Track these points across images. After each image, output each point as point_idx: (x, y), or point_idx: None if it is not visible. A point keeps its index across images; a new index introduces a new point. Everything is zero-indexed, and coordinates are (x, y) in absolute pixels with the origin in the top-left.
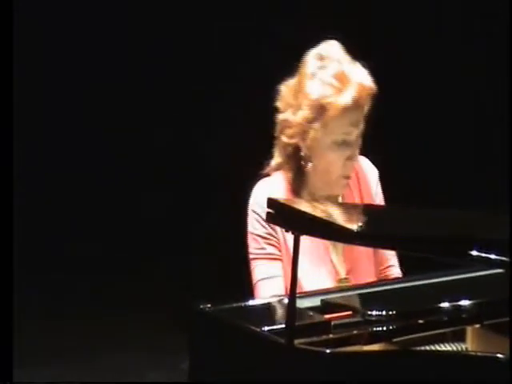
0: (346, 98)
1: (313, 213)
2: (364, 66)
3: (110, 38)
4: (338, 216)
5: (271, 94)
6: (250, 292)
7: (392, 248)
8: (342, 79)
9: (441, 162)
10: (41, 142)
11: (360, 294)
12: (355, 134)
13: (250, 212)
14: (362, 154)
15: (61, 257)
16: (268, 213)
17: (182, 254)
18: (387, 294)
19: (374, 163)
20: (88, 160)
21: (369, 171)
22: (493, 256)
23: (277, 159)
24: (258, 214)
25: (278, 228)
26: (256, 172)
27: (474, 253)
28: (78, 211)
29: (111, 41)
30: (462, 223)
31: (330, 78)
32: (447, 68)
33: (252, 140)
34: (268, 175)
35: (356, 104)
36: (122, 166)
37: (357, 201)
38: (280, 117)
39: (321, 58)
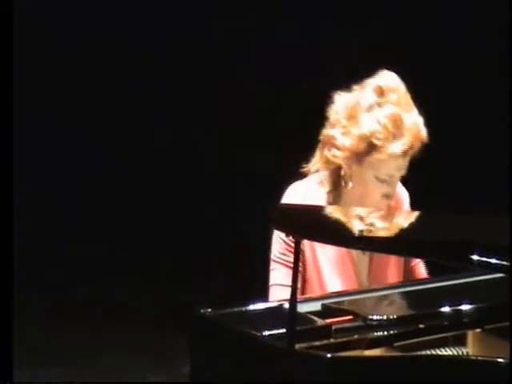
0: (398, 148)
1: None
2: (421, 112)
3: (109, 38)
4: (342, 220)
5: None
6: (252, 295)
7: (393, 253)
8: (396, 124)
9: (441, 164)
10: (40, 143)
11: (361, 299)
12: (398, 176)
13: None
14: None
15: (61, 257)
16: (271, 217)
17: (184, 255)
18: (388, 298)
19: None
20: (87, 160)
21: (402, 193)
22: (493, 260)
23: (316, 165)
24: None
25: (307, 249)
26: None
27: (475, 257)
28: (77, 212)
29: (110, 41)
30: (463, 227)
31: (385, 119)
32: (447, 68)
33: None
34: (299, 176)
35: (406, 153)
36: (122, 165)
37: None
38: (328, 131)
39: (380, 92)
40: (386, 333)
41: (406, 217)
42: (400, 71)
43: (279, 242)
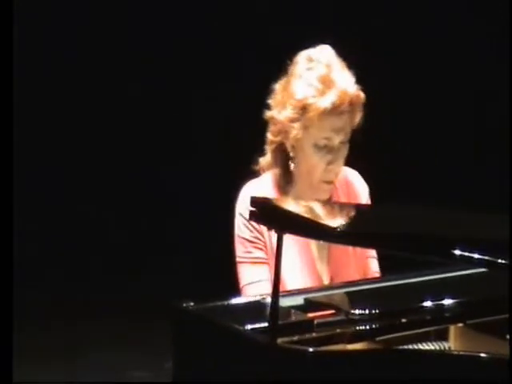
0: (326, 102)
1: (297, 211)
2: (354, 74)
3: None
4: (321, 215)
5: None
6: (233, 291)
7: (374, 247)
8: (326, 82)
9: (440, 162)
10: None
11: (343, 293)
12: (337, 140)
13: (236, 215)
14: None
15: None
16: (251, 211)
17: (166, 253)
18: (370, 292)
19: (373, 165)
20: (87, 160)
21: (359, 187)
22: (476, 255)
23: (266, 158)
24: (244, 218)
25: (265, 231)
26: (245, 171)
27: (457, 252)
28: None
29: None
30: (449, 222)
31: (315, 80)
32: (447, 68)
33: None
34: (256, 175)
35: (337, 109)
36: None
37: None
38: (267, 114)
39: (310, 59)
40: (368, 327)
41: (386, 211)
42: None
43: (241, 242)
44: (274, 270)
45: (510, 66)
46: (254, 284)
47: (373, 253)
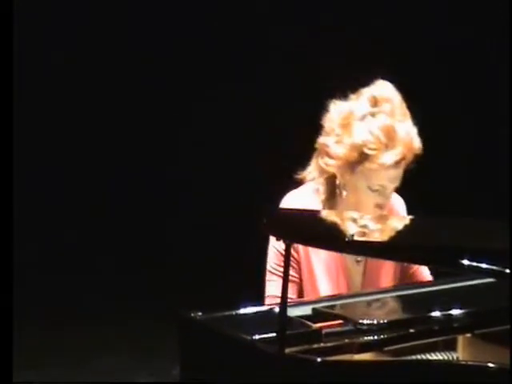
0: (390, 159)
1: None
2: (415, 124)
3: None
4: (332, 224)
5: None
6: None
7: (382, 257)
8: (389, 135)
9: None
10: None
11: (352, 303)
12: (391, 187)
13: None
14: None
15: (54, 258)
16: (260, 222)
17: (174, 260)
18: (378, 302)
19: None
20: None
21: (397, 202)
22: (484, 265)
23: (312, 174)
24: None
25: (301, 250)
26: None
27: (466, 262)
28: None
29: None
30: (456, 231)
31: (378, 130)
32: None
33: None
34: (296, 183)
35: (398, 164)
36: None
37: None
38: (322, 140)
39: (374, 102)
40: (376, 337)
41: (397, 221)
42: (398, 78)
43: (275, 253)
44: (283, 280)
45: (510, 65)
46: (276, 299)
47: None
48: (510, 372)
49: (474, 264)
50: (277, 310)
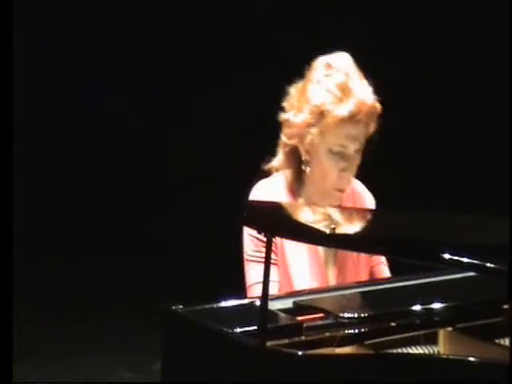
0: (344, 110)
1: (286, 213)
2: (371, 84)
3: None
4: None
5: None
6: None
7: (364, 251)
8: (344, 90)
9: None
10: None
11: (332, 297)
12: (352, 148)
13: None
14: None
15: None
16: (242, 215)
17: (157, 254)
18: (359, 296)
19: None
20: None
21: (365, 196)
22: (465, 259)
23: (278, 158)
24: None
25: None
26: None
27: (447, 256)
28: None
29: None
30: (438, 226)
31: (333, 87)
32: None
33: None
34: (268, 174)
35: (354, 118)
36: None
37: None
38: (282, 116)
39: (329, 66)
40: (357, 331)
41: (377, 215)
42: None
43: (251, 240)
44: (264, 272)
45: (510, 66)
46: (260, 285)
47: (382, 259)
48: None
49: (455, 258)
50: (258, 303)
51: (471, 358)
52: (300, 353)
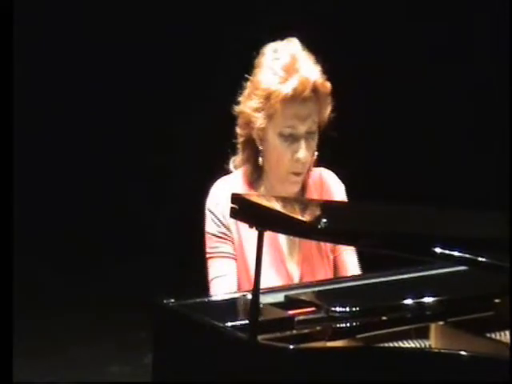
0: (287, 88)
1: (274, 207)
2: (319, 62)
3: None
4: (299, 211)
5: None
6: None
7: (355, 244)
8: (289, 70)
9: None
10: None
11: (324, 290)
12: (302, 128)
13: (206, 211)
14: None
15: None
16: (231, 208)
17: (145, 250)
18: (351, 290)
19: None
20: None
21: (334, 186)
22: (456, 253)
23: (238, 155)
24: (212, 213)
25: (232, 226)
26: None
27: (438, 250)
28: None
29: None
30: (429, 220)
31: (279, 69)
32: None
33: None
34: (229, 173)
35: (299, 96)
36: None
37: None
38: (236, 109)
39: (276, 51)
40: (348, 324)
41: (366, 208)
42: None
43: (209, 237)
44: (256, 267)
45: (510, 65)
46: (220, 278)
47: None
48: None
49: (447, 252)
50: (249, 297)
51: (463, 353)
52: (291, 346)
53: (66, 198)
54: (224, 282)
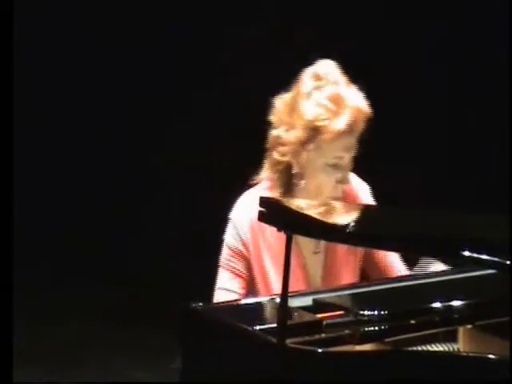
0: (341, 123)
1: (305, 212)
2: (360, 89)
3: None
4: (330, 216)
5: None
6: None
7: (383, 248)
8: (337, 102)
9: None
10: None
11: (352, 294)
12: (348, 158)
13: (229, 220)
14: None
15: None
16: (259, 211)
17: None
18: (379, 293)
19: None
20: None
21: (359, 188)
22: (484, 257)
23: (267, 172)
24: (234, 227)
25: (251, 246)
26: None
27: (466, 253)
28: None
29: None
30: (458, 224)
31: (326, 100)
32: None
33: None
34: (253, 185)
35: (351, 128)
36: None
37: None
38: (273, 133)
39: (317, 77)
40: (376, 328)
41: (393, 213)
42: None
43: (225, 249)
44: (284, 271)
45: (510, 65)
46: (223, 291)
47: (392, 257)
48: (510, 364)
49: (475, 255)
50: (278, 300)
51: (491, 356)
52: (320, 350)
53: (65, 198)
54: (227, 296)
